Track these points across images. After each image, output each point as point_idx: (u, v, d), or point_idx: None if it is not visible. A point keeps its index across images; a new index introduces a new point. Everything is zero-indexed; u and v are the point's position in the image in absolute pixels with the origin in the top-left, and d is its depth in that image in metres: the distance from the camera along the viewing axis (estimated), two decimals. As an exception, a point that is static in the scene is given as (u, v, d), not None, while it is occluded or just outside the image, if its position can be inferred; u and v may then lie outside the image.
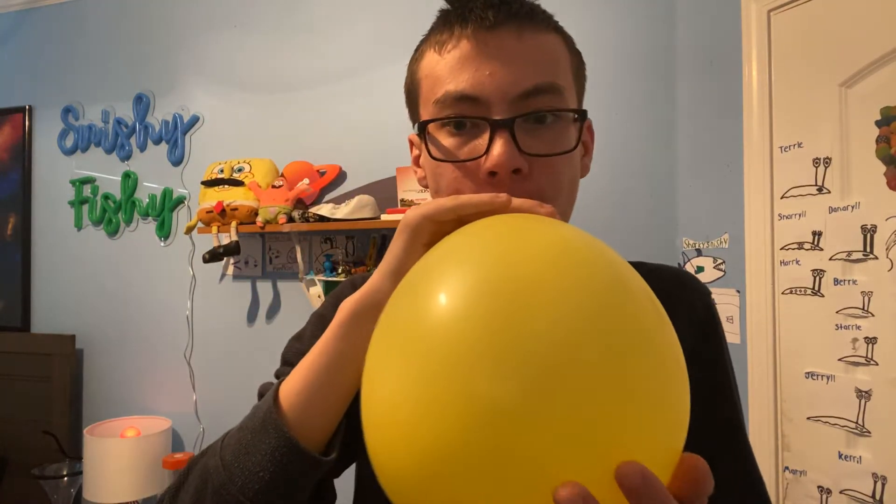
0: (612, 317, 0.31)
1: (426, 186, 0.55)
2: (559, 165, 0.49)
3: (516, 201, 0.40)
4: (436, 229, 0.41)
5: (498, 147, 0.46)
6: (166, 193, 2.19)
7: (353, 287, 0.64)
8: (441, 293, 0.33)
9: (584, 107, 0.54)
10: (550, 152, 0.48)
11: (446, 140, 0.49)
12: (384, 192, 1.86)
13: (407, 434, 0.31)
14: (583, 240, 0.36)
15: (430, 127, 0.50)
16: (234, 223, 1.89)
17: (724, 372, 0.60)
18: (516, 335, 0.30)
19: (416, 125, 0.53)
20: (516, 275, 0.32)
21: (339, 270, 1.87)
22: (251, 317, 2.09)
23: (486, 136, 0.47)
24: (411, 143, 0.59)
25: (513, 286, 0.32)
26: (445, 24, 0.50)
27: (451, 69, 0.49)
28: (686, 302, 0.59)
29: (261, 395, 0.59)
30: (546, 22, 0.51)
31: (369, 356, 0.36)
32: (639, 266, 0.62)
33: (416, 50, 0.54)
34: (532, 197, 0.46)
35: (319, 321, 0.63)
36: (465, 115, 0.48)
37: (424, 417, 0.30)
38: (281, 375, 0.59)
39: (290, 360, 0.61)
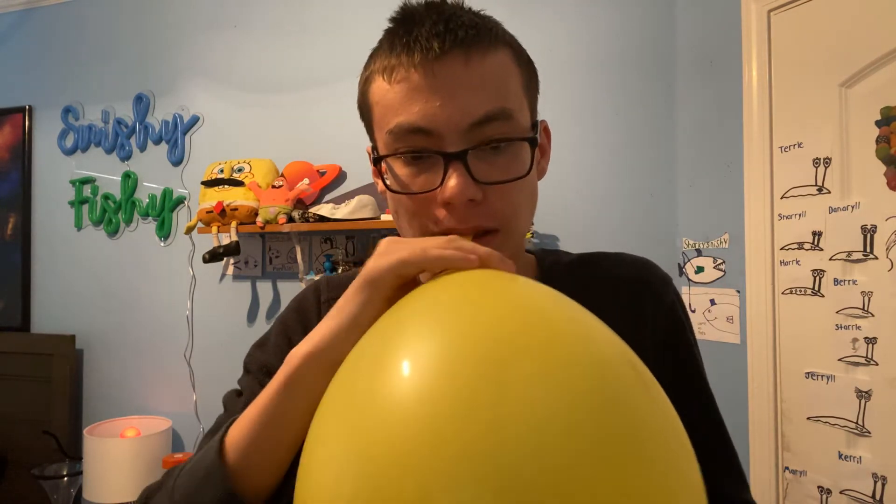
0: (605, 417, 0.26)
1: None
2: (514, 189, 0.50)
3: (481, 252, 0.40)
4: (399, 283, 0.41)
5: (452, 180, 0.47)
6: (166, 193, 2.19)
7: (317, 292, 0.65)
8: (403, 369, 0.27)
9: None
10: (505, 178, 0.49)
11: (402, 170, 0.50)
12: (384, 192, 1.86)
13: None
14: (558, 309, 0.32)
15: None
16: (234, 223, 1.89)
17: (692, 355, 0.62)
18: (493, 442, 0.24)
19: (372, 159, 0.54)
20: (493, 357, 0.27)
21: (339, 270, 1.87)
22: (251, 317, 2.09)
23: (441, 168, 0.48)
24: (369, 155, 0.58)
25: (489, 370, 0.26)
26: (392, 50, 0.50)
27: (400, 100, 0.48)
28: (655, 288, 0.61)
29: (225, 406, 0.61)
30: (493, 39, 0.50)
31: (313, 425, 0.31)
32: (604, 257, 0.64)
33: (366, 68, 0.53)
34: (487, 221, 0.48)
35: (282, 328, 0.64)
36: (418, 147, 0.48)
37: None
38: (242, 386, 0.62)
39: (250, 369, 0.63)
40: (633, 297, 0.59)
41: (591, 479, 0.23)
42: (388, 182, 0.51)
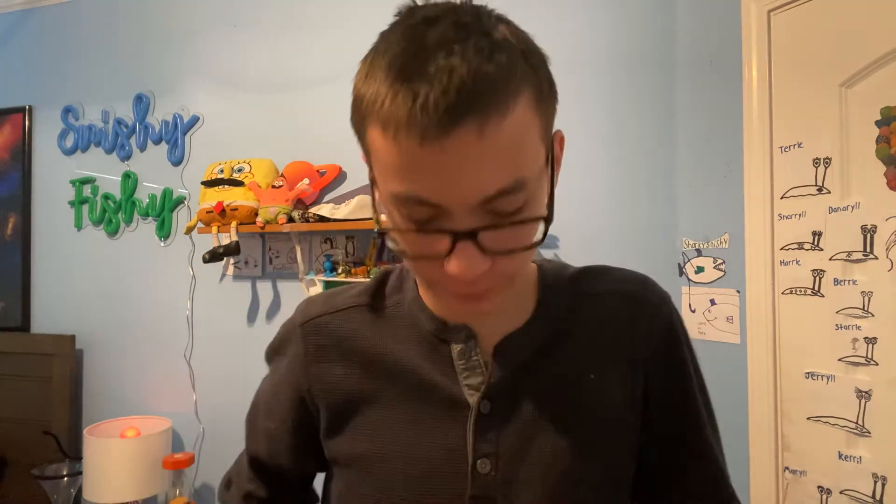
0: None
1: None
2: (523, 251, 0.47)
3: None
4: None
5: (462, 260, 0.44)
6: (166, 193, 2.19)
7: (280, 345, 0.67)
8: None
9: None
10: (516, 247, 0.45)
11: (404, 226, 0.46)
12: (384, 192, 1.86)
13: None
14: None
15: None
16: (234, 223, 1.89)
17: (687, 376, 0.61)
18: None
19: (372, 204, 0.51)
20: None
21: (339, 270, 1.87)
22: (251, 317, 2.09)
23: (448, 237, 0.44)
24: (366, 163, 0.51)
25: None
26: (391, 92, 0.41)
27: (402, 166, 0.42)
28: (651, 306, 0.61)
29: (226, 484, 0.71)
30: (514, 91, 0.42)
31: None
32: (603, 272, 0.64)
33: (362, 81, 0.45)
34: (493, 281, 0.47)
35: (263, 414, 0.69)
36: (422, 218, 0.45)
37: None
38: (239, 482, 0.70)
39: (247, 452, 0.70)
40: (627, 314, 0.60)
41: None
42: (390, 232, 0.48)
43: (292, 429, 0.64)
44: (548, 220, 0.46)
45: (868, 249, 1.20)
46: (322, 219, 1.82)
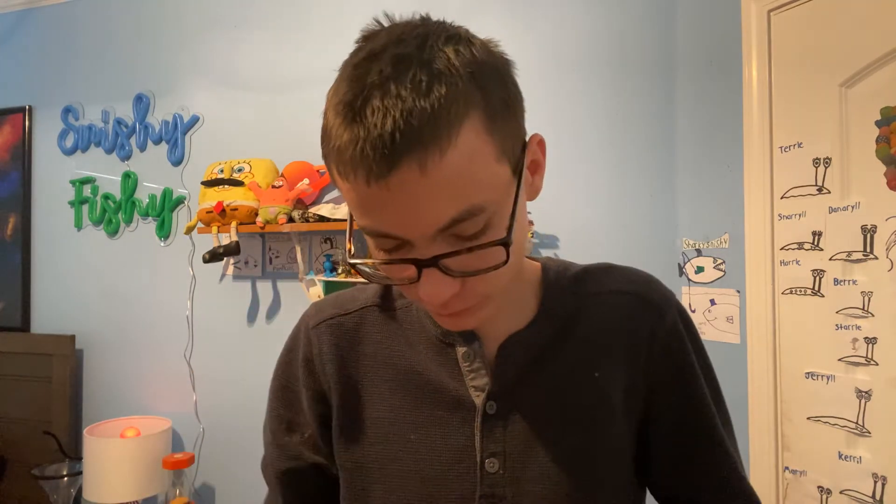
0: None
1: None
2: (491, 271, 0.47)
3: None
4: None
5: (427, 286, 0.45)
6: (166, 193, 2.19)
7: (307, 353, 0.64)
8: None
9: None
10: (481, 268, 0.46)
11: (376, 251, 0.48)
12: (384, 192, 1.86)
13: None
14: None
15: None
16: (234, 223, 1.89)
17: (695, 378, 0.61)
18: None
19: (348, 233, 0.53)
20: None
21: (339, 270, 1.87)
22: (251, 317, 2.09)
23: (414, 267, 0.46)
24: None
25: None
26: (344, 126, 0.43)
27: (359, 202, 0.45)
28: (654, 307, 0.60)
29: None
30: (455, 120, 0.41)
31: None
32: (606, 271, 0.63)
33: (324, 114, 0.48)
34: (470, 301, 0.48)
35: (276, 420, 0.66)
36: (388, 248, 0.46)
37: None
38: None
39: (267, 480, 0.67)
40: (630, 315, 0.59)
41: None
42: (365, 258, 0.50)
43: (319, 431, 0.63)
44: (506, 243, 0.45)
45: (868, 249, 1.20)
46: (322, 219, 1.82)
